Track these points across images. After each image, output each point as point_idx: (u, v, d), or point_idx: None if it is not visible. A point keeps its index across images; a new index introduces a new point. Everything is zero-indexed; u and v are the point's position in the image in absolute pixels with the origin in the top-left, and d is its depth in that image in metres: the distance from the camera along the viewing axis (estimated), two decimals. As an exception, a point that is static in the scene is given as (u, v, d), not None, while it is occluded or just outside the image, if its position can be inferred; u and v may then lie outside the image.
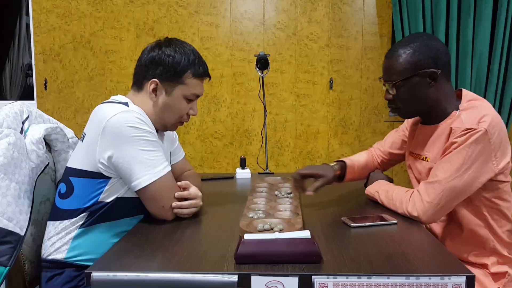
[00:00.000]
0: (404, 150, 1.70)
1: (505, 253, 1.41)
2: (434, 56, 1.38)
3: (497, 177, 1.36)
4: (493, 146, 1.31)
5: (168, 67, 1.39)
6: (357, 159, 1.73)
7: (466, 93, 1.44)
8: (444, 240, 1.48)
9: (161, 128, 1.49)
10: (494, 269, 1.40)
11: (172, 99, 1.42)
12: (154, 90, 1.41)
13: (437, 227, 1.52)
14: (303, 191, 1.52)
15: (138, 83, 1.44)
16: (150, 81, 1.40)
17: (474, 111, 1.36)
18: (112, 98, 1.43)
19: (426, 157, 1.47)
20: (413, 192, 1.40)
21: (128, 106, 1.37)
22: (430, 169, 1.44)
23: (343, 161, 1.66)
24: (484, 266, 1.41)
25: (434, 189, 1.33)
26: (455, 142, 1.32)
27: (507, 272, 1.39)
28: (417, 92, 1.41)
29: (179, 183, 1.39)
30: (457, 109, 1.41)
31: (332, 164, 1.62)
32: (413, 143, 1.57)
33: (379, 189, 1.54)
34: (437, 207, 1.33)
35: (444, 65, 1.40)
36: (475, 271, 1.41)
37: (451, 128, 1.36)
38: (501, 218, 1.41)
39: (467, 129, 1.31)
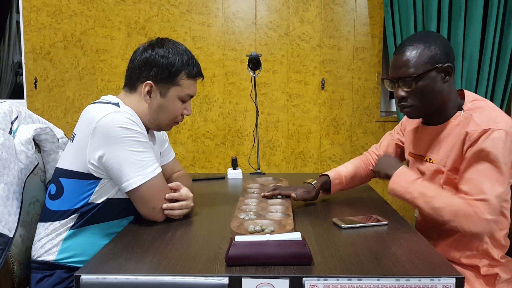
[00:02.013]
0: (398, 153, 1.71)
1: (497, 256, 1.41)
2: (447, 51, 1.36)
3: None
4: None
5: (162, 68, 1.38)
6: (346, 169, 1.70)
7: (468, 94, 1.42)
8: (437, 240, 1.48)
9: (155, 128, 1.48)
10: (485, 271, 1.40)
11: (166, 101, 1.41)
12: (149, 92, 1.40)
13: (431, 228, 1.51)
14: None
15: (130, 85, 1.43)
16: (144, 83, 1.39)
17: (484, 111, 1.34)
18: (103, 98, 1.42)
19: (430, 159, 1.45)
20: (466, 207, 1.29)
21: (119, 106, 1.36)
22: (435, 170, 1.43)
23: (327, 175, 1.65)
24: (475, 268, 1.42)
25: (493, 205, 1.27)
26: (484, 147, 1.27)
27: (497, 274, 1.39)
28: (433, 87, 1.36)
29: (170, 185, 1.39)
30: (461, 109, 1.39)
31: (313, 182, 1.61)
32: (414, 144, 1.55)
33: (411, 189, 1.37)
34: (497, 220, 1.31)
35: (452, 61, 1.38)
36: (467, 272, 1.41)
37: (466, 132, 1.32)
38: (502, 220, 1.40)
39: (485, 129, 1.28)
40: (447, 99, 1.40)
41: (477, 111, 1.35)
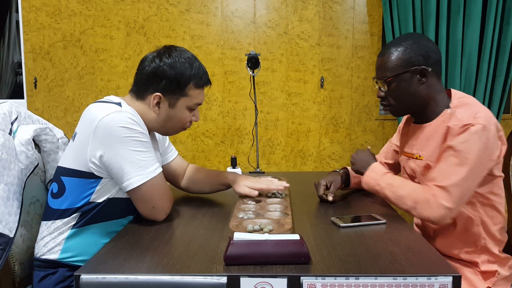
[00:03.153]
0: (396, 159, 1.75)
1: (496, 251, 1.43)
2: (425, 54, 1.42)
3: (492, 170, 1.39)
4: (493, 140, 1.33)
5: (171, 80, 1.39)
6: None
7: (455, 92, 1.47)
8: (436, 237, 1.50)
9: (163, 134, 1.53)
10: (484, 267, 1.42)
11: (175, 111, 1.43)
12: (158, 104, 1.41)
13: (429, 225, 1.53)
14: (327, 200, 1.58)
15: (138, 93, 1.43)
16: (153, 95, 1.40)
17: (468, 107, 1.38)
18: (105, 98, 1.43)
19: (420, 156, 1.48)
20: (426, 193, 1.35)
21: (121, 106, 1.37)
22: (425, 167, 1.46)
23: (346, 168, 1.74)
24: (474, 264, 1.44)
25: (451, 193, 1.31)
26: (458, 140, 1.33)
27: (496, 271, 1.41)
28: (408, 89, 1.44)
29: (248, 192, 1.51)
30: (448, 107, 1.43)
31: (337, 170, 1.73)
32: (406, 143, 1.59)
33: (381, 181, 1.47)
34: (456, 210, 1.33)
35: (434, 64, 1.43)
36: (465, 269, 1.43)
37: (448, 127, 1.37)
38: (495, 214, 1.43)
39: (465, 124, 1.32)
40: (427, 99, 1.46)
41: (462, 108, 1.40)
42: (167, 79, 1.38)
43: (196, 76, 1.41)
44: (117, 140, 1.27)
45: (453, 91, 1.48)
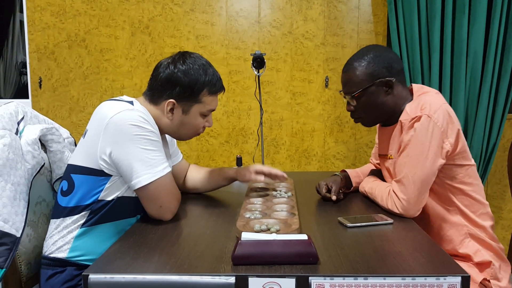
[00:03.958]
0: None
1: (484, 237, 1.47)
2: (388, 66, 1.48)
3: (455, 160, 1.43)
4: (443, 128, 1.38)
5: (185, 87, 1.40)
6: (359, 168, 1.82)
7: (416, 89, 1.53)
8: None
9: (176, 139, 1.55)
10: (478, 258, 1.45)
11: (188, 118, 1.44)
12: (171, 110, 1.42)
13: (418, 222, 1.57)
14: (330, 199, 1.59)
15: (153, 98, 1.44)
16: (167, 102, 1.41)
17: (416, 101, 1.45)
18: (118, 97, 1.44)
19: (391, 155, 1.56)
20: (390, 189, 1.46)
21: (133, 104, 1.37)
22: (395, 164, 1.52)
23: (345, 171, 1.77)
24: (468, 258, 1.47)
25: (405, 185, 1.40)
26: (407, 136, 1.41)
27: (491, 262, 1.43)
28: (376, 100, 1.49)
29: (260, 177, 1.55)
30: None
31: (337, 173, 1.75)
32: (380, 145, 1.67)
33: (366, 186, 1.63)
34: (414, 200, 1.39)
35: (397, 73, 1.49)
36: (460, 264, 1.44)
37: (400, 121, 1.46)
38: (472, 203, 1.48)
39: (412, 118, 1.39)
40: (394, 106, 1.52)
41: (413, 102, 1.47)
42: (181, 86, 1.39)
43: (210, 82, 1.42)
44: (127, 138, 1.28)
45: (414, 88, 1.53)
